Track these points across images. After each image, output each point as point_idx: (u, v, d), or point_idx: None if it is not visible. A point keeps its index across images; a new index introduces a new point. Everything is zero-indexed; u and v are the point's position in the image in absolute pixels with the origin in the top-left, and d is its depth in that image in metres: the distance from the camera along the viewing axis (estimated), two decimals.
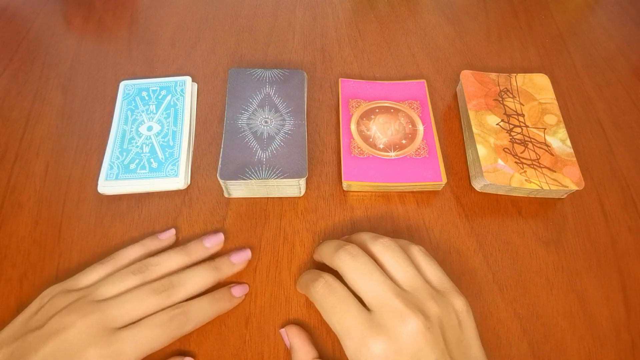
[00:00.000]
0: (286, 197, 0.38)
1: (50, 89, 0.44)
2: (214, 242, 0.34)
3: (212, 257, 0.33)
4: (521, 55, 0.49)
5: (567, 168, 0.37)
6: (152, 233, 0.35)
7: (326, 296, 0.28)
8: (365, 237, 0.31)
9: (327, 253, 0.30)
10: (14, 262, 0.34)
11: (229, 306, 0.32)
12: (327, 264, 0.31)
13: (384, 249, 0.29)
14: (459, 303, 0.28)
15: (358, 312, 0.26)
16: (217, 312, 0.31)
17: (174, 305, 0.29)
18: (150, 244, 0.34)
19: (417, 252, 0.30)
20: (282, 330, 0.31)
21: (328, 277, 0.29)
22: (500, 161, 0.38)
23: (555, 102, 0.42)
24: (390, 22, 0.51)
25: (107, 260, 0.32)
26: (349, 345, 0.26)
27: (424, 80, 0.44)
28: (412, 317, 0.25)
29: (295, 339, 0.30)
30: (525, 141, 0.39)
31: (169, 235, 0.35)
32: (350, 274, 0.28)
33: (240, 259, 0.33)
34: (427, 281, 0.28)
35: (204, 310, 0.30)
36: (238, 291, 0.32)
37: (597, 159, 0.41)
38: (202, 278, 0.31)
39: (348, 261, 0.29)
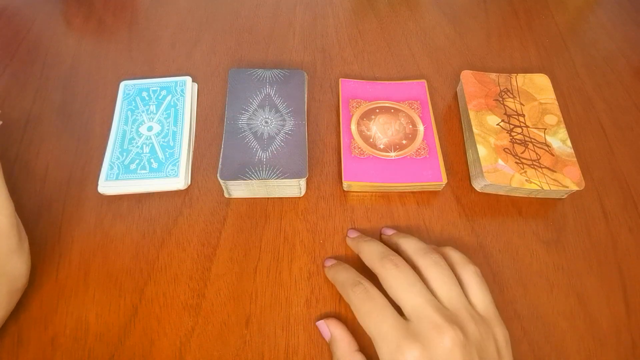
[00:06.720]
0: (286, 197, 0.38)
1: (50, 89, 0.44)
2: None
3: None
4: (521, 55, 0.49)
5: (568, 168, 0.37)
6: (153, 233, 0.35)
7: (364, 302, 0.28)
8: (416, 247, 0.30)
9: (371, 258, 0.30)
10: None
11: None
12: (368, 266, 0.30)
13: (432, 264, 0.29)
14: (500, 333, 0.27)
15: (395, 319, 0.26)
16: None
17: None
18: None
19: (471, 273, 0.29)
20: (321, 322, 0.31)
21: (367, 285, 0.29)
22: (500, 161, 0.38)
23: (556, 102, 0.42)
24: (390, 22, 0.51)
25: None
26: (384, 349, 0.26)
27: (424, 81, 0.44)
28: (450, 331, 0.25)
29: (337, 329, 0.30)
30: (526, 141, 0.39)
31: None
32: (391, 282, 0.28)
33: None
34: (471, 304, 0.28)
35: None
36: None
37: (597, 159, 0.41)
38: None
39: (391, 270, 0.28)
